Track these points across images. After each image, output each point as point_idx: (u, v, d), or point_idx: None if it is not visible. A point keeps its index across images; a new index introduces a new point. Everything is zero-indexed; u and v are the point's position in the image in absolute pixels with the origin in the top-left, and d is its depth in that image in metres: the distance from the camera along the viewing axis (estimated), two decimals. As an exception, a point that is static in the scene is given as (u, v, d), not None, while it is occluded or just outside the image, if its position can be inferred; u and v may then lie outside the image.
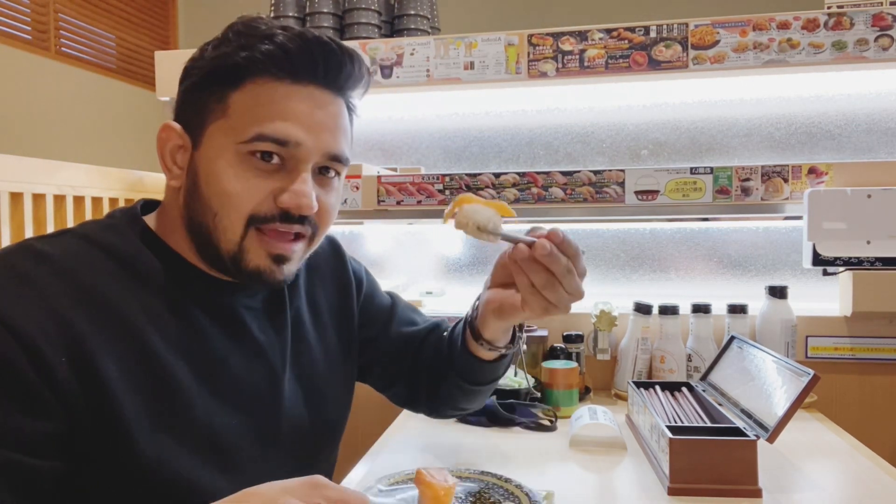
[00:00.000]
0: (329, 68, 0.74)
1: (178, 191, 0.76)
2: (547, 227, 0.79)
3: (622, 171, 1.48)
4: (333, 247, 1.00)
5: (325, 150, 0.75)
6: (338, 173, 0.79)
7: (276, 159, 0.72)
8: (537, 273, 0.77)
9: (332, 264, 0.98)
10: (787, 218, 1.52)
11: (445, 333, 1.01)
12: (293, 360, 0.86)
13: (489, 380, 0.96)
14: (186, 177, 0.75)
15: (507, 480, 0.86)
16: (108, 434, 0.65)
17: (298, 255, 0.77)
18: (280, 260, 0.75)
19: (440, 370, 0.98)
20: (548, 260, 0.76)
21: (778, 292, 1.40)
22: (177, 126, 0.75)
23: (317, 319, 0.92)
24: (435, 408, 1.04)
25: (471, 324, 0.92)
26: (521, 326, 0.93)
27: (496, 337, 0.90)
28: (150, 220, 0.79)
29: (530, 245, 0.76)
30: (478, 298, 0.92)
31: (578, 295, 0.80)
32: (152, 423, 0.67)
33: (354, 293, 0.99)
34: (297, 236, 0.76)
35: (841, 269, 1.41)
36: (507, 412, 1.26)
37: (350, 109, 0.81)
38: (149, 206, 0.82)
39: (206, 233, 0.73)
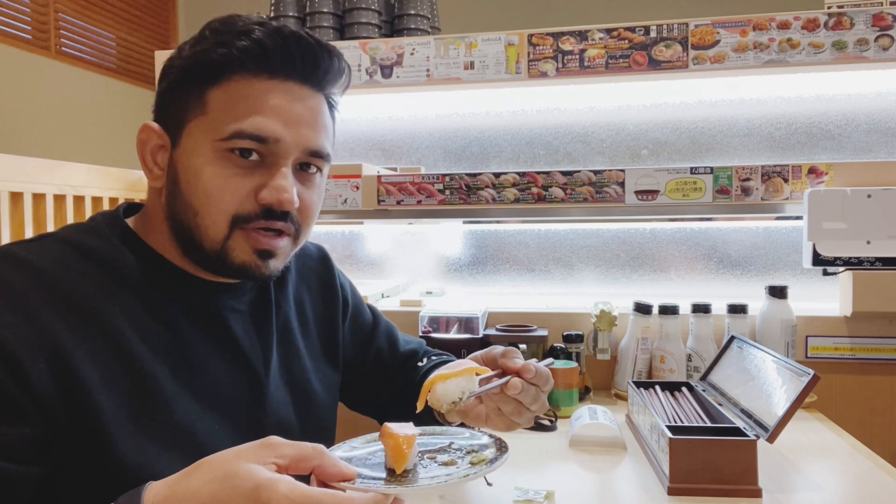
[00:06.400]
0: (306, 63, 0.73)
1: (159, 191, 0.76)
2: (520, 361, 0.82)
3: (622, 171, 1.48)
4: (322, 256, 1.00)
5: (305, 146, 0.74)
6: (319, 169, 0.78)
7: (254, 156, 0.72)
8: (507, 404, 0.82)
9: (321, 274, 0.98)
10: (786, 218, 1.52)
11: (420, 364, 1.04)
12: (281, 364, 0.85)
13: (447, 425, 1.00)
14: (167, 177, 0.74)
15: (478, 430, 0.83)
16: (89, 438, 0.64)
17: (284, 251, 0.77)
18: (266, 255, 0.75)
19: (408, 402, 0.99)
20: (519, 396, 0.80)
21: (778, 292, 1.40)
22: (156, 126, 0.75)
23: (304, 326, 0.92)
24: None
25: None
26: None
27: (456, 420, 0.94)
28: (132, 222, 0.78)
29: (504, 382, 0.80)
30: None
31: (541, 412, 0.85)
32: (133, 427, 0.67)
33: (341, 309, 0.99)
34: (280, 233, 0.75)
35: (841, 269, 1.41)
36: (507, 412, 1.26)
37: (331, 106, 0.80)
38: (132, 208, 0.81)
39: (189, 232, 0.73)
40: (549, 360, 0.89)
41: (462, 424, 0.95)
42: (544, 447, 1.15)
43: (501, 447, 0.72)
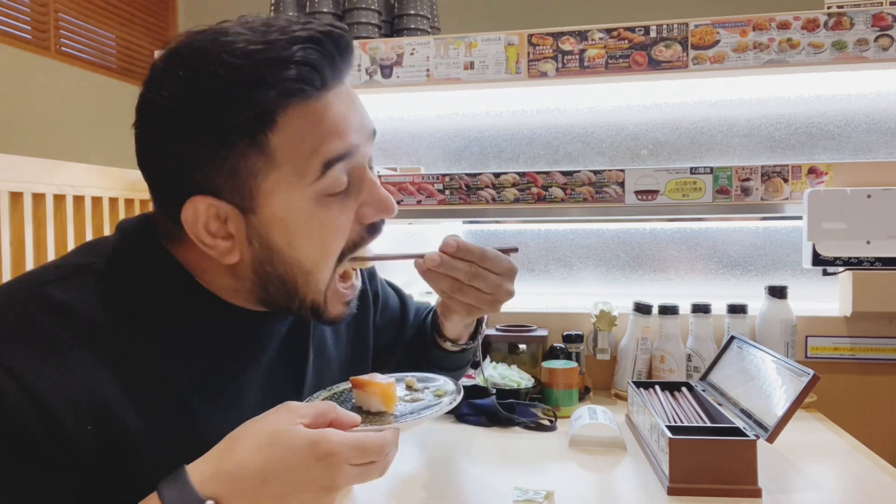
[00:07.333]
0: (346, 62, 0.67)
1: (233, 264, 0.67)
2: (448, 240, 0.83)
3: (622, 171, 1.48)
4: None
5: (369, 139, 0.70)
6: None
7: (345, 179, 0.66)
8: (441, 281, 0.83)
9: None
10: (786, 218, 1.52)
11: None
12: (314, 382, 0.84)
13: (459, 366, 1.02)
14: (248, 245, 0.66)
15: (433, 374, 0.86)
16: (132, 485, 0.62)
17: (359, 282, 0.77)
18: (351, 303, 0.75)
19: (418, 358, 1.02)
20: (443, 269, 0.81)
21: (778, 292, 1.40)
22: (206, 199, 0.63)
23: (336, 335, 0.91)
24: None
25: (434, 320, 0.98)
26: (479, 323, 0.99)
27: (457, 335, 0.96)
28: (165, 241, 0.71)
29: (419, 256, 0.82)
30: None
31: (500, 294, 0.84)
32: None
33: (371, 306, 0.99)
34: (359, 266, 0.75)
35: (841, 269, 1.41)
36: (507, 412, 1.26)
37: None
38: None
39: (292, 290, 0.68)
40: (513, 247, 0.89)
41: (473, 338, 0.98)
42: (544, 447, 1.15)
43: (455, 383, 0.78)
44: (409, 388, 0.79)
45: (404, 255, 0.82)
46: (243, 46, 0.60)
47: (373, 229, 0.71)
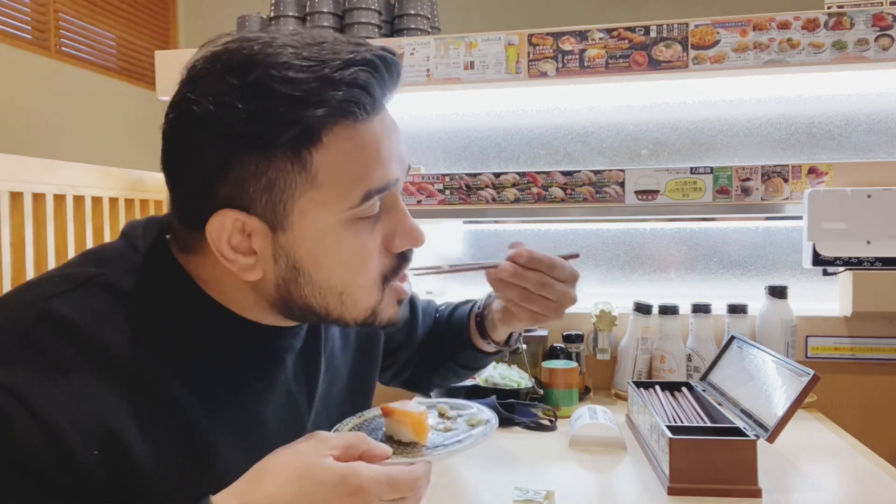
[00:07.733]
0: (395, 87, 0.65)
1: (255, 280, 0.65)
2: (518, 249, 0.84)
3: (622, 171, 1.48)
4: None
5: (405, 170, 0.70)
6: None
7: (377, 206, 0.66)
8: (510, 290, 0.84)
9: None
10: (786, 218, 1.52)
11: (437, 315, 1.06)
12: (323, 396, 0.82)
13: (486, 364, 1.04)
14: (274, 263, 0.64)
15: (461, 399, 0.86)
16: None
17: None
18: (402, 301, 0.73)
19: (439, 357, 1.02)
20: (515, 279, 0.82)
21: (778, 292, 1.40)
22: (235, 213, 0.61)
23: (346, 343, 0.90)
24: (428, 388, 1.11)
25: (480, 324, 0.97)
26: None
27: (502, 338, 0.97)
28: (176, 253, 0.68)
29: (496, 267, 0.83)
30: (488, 297, 0.98)
31: (566, 301, 0.85)
32: (185, 498, 0.62)
33: None
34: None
35: (841, 269, 1.41)
36: (507, 412, 1.26)
37: None
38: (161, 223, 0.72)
39: (322, 313, 0.67)
40: (575, 253, 0.89)
41: (507, 342, 0.99)
42: (544, 447, 1.15)
43: (490, 411, 0.78)
44: (441, 415, 0.77)
45: (478, 265, 0.84)
46: (296, 62, 0.59)
47: (403, 257, 0.71)
